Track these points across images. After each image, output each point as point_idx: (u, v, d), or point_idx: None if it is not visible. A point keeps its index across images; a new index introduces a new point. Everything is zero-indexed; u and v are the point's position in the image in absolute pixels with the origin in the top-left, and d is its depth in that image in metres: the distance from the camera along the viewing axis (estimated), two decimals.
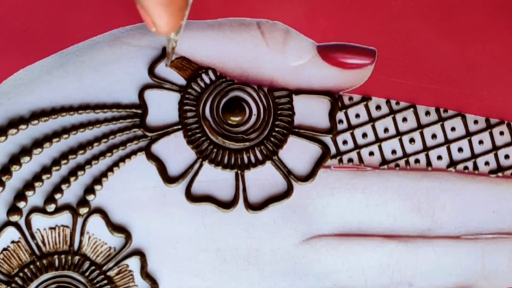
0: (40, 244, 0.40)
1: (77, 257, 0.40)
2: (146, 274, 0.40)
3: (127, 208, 0.41)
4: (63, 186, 0.40)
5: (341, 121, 0.44)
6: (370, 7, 0.45)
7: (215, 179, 0.42)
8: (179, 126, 0.42)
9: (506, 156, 0.45)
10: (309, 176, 0.42)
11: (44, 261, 0.40)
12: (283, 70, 0.43)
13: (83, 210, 0.40)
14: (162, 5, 0.23)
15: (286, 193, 0.42)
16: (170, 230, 0.41)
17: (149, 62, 0.43)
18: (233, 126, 0.42)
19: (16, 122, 0.41)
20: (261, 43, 0.44)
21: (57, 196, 0.40)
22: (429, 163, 0.44)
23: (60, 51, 0.42)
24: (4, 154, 0.41)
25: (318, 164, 0.43)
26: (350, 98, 0.44)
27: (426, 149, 0.44)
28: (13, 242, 0.40)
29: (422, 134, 0.44)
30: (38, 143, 0.41)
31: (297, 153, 0.43)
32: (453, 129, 0.44)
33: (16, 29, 0.42)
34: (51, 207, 0.40)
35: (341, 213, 0.42)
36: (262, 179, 0.42)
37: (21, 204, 0.40)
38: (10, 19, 0.43)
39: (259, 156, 0.42)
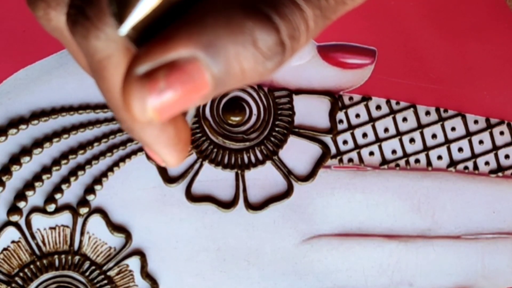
0: (40, 244, 0.40)
1: (77, 257, 0.40)
2: (146, 274, 0.40)
3: (127, 208, 0.41)
4: (63, 186, 0.40)
5: (341, 121, 0.44)
6: (370, 7, 0.45)
7: (215, 179, 0.42)
8: None
9: (506, 156, 0.45)
10: (309, 176, 0.42)
11: (44, 261, 0.40)
12: (283, 70, 0.43)
13: (83, 210, 0.40)
14: (171, 147, 0.24)
15: (286, 193, 0.42)
16: (170, 230, 0.41)
17: None
18: (233, 126, 0.42)
19: (16, 122, 0.41)
20: None
21: (57, 196, 0.40)
22: (429, 163, 0.44)
23: (60, 51, 0.42)
24: (4, 154, 0.41)
25: (318, 164, 0.43)
26: (350, 98, 0.44)
27: (426, 149, 0.44)
28: (13, 242, 0.40)
29: (422, 134, 0.44)
30: (38, 143, 0.41)
31: (297, 153, 0.43)
32: (453, 129, 0.44)
33: (16, 29, 0.42)
34: (51, 207, 0.40)
35: (341, 213, 0.42)
36: (262, 179, 0.42)
37: (21, 204, 0.40)
38: (10, 19, 0.43)
39: (259, 156, 0.42)
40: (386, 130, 0.44)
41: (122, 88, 0.20)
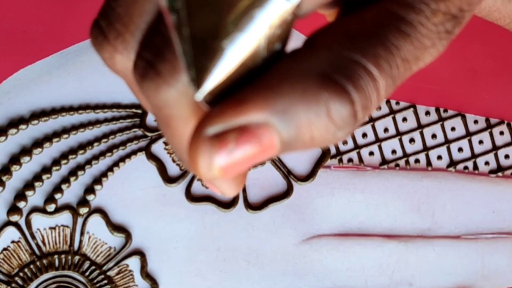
0: (40, 244, 0.40)
1: (77, 257, 0.40)
2: (146, 274, 0.40)
3: (127, 208, 0.41)
4: (63, 186, 0.40)
5: None
6: None
7: None
8: None
9: (506, 156, 0.45)
10: (309, 176, 0.42)
11: (44, 261, 0.40)
12: None
13: (83, 210, 0.40)
14: (231, 181, 0.24)
15: (286, 193, 0.42)
16: (170, 230, 0.41)
17: None
18: None
19: (16, 122, 0.41)
20: None
21: (57, 196, 0.40)
22: (429, 163, 0.44)
23: (60, 51, 0.42)
24: (4, 154, 0.41)
25: (318, 164, 0.43)
26: None
27: (426, 149, 0.44)
28: (13, 242, 0.40)
29: (422, 134, 0.44)
30: (38, 143, 0.41)
31: (297, 153, 0.43)
32: (453, 129, 0.44)
33: (16, 29, 0.42)
34: (51, 207, 0.40)
35: (341, 213, 0.42)
36: (262, 179, 0.42)
37: (21, 204, 0.40)
38: (10, 19, 0.43)
39: None
40: (386, 130, 0.44)
41: (190, 145, 0.20)
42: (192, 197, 0.41)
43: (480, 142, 0.44)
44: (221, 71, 0.20)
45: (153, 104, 0.22)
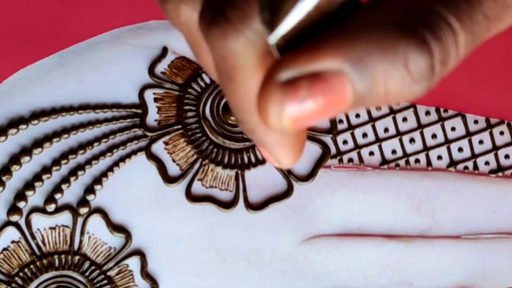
0: (40, 244, 0.40)
1: (77, 257, 0.40)
2: (146, 274, 0.40)
3: (127, 208, 0.41)
4: (63, 186, 0.40)
5: (341, 121, 0.44)
6: None
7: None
8: (179, 126, 0.42)
9: (506, 156, 0.44)
10: (309, 176, 0.42)
11: (44, 261, 0.40)
12: None
13: (83, 210, 0.40)
14: (289, 149, 0.24)
15: (286, 193, 0.42)
16: (170, 230, 0.41)
17: (149, 62, 0.43)
18: (233, 126, 0.42)
19: (16, 122, 0.41)
20: None
21: (57, 196, 0.40)
22: (429, 163, 0.44)
23: (60, 51, 0.42)
24: (4, 154, 0.41)
25: (318, 164, 0.43)
26: None
27: (426, 149, 0.44)
28: (13, 242, 0.40)
29: (422, 134, 0.44)
30: (38, 143, 0.41)
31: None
32: (453, 129, 0.44)
33: (16, 29, 0.42)
34: (51, 207, 0.40)
35: (341, 213, 0.42)
36: (262, 179, 0.42)
37: (21, 204, 0.40)
38: (10, 19, 0.43)
39: (259, 156, 0.42)
40: (386, 130, 0.44)
41: (260, 92, 0.19)
42: (192, 197, 0.41)
43: (480, 142, 0.44)
44: (296, 14, 0.19)
45: (219, 55, 0.21)
